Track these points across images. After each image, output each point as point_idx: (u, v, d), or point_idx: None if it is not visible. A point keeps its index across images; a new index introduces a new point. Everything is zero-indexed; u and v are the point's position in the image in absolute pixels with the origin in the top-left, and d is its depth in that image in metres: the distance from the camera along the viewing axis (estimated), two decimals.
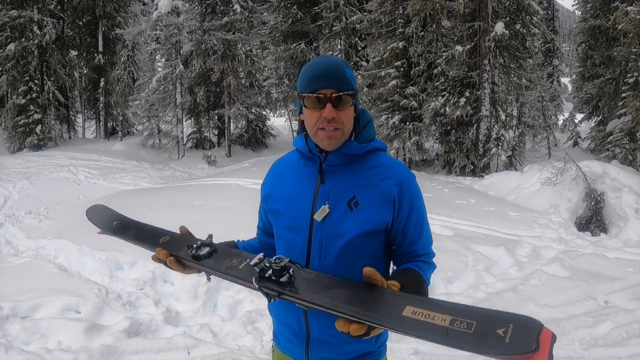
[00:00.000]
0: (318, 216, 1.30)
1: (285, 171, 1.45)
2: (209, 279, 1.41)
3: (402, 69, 12.76)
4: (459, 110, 11.30)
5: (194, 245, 1.36)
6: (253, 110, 18.15)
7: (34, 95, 17.14)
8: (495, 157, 11.47)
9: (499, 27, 11.15)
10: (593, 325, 3.74)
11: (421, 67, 12.44)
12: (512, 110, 14.26)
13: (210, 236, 1.42)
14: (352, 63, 16.19)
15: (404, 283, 1.17)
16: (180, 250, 1.40)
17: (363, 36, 15.61)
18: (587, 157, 11.57)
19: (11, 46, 16.75)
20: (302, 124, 1.38)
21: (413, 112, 12.64)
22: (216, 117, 18.40)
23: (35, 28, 17.09)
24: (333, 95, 1.24)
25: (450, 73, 11.67)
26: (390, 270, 1.44)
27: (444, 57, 11.62)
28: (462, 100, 11.39)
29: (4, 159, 12.71)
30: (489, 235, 6.21)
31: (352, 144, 1.32)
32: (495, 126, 11.64)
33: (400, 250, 1.37)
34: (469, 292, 4.46)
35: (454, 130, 11.96)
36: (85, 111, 22.94)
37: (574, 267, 5.07)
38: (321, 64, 1.28)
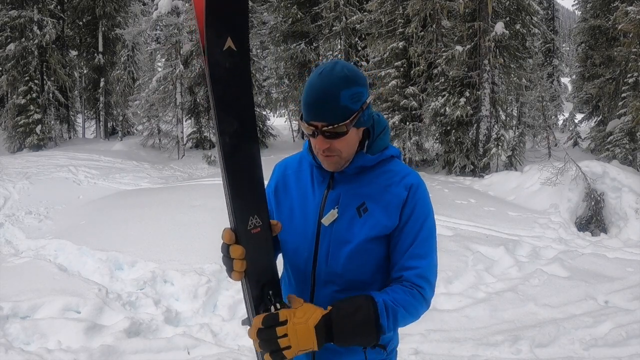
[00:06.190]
0: (326, 220, 1.27)
1: (293, 174, 1.40)
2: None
3: (402, 69, 12.76)
4: (459, 110, 11.30)
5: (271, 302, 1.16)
6: None
7: (34, 95, 17.14)
8: (495, 157, 11.46)
9: (499, 27, 11.14)
10: (593, 325, 3.74)
11: (421, 67, 12.44)
12: (512, 110, 14.25)
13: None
14: (352, 63, 16.18)
15: (337, 306, 1.15)
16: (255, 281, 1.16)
17: (363, 36, 15.60)
18: (587, 157, 11.56)
19: (11, 46, 16.75)
20: None
21: (413, 112, 12.64)
22: None
23: (35, 28, 17.09)
24: (323, 128, 1.16)
25: (450, 73, 11.66)
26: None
27: (444, 57, 11.62)
28: (462, 100, 11.39)
29: (4, 159, 12.71)
30: (489, 235, 6.21)
31: (364, 157, 1.27)
32: (495, 126, 11.63)
33: (392, 260, 1.29)
34: (469, 292, 4.46)
35: (454, 130, 11.95)
36: (85, 111, 22.95)
37: (574, 267, 5.07)
38: (315, 88, 1.16)
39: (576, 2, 21.96)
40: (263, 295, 1.16)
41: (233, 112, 1.06)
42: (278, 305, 1.15)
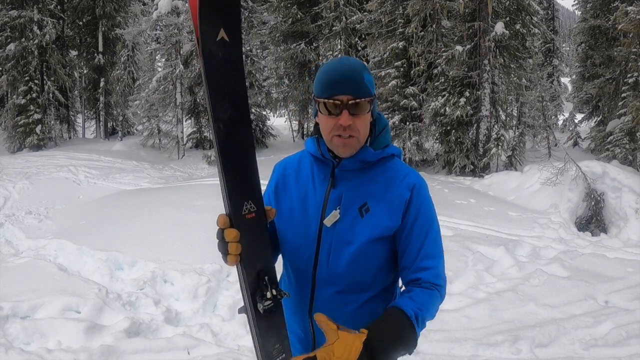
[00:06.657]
0: (328, 221, 1.26)
1: (292, 173, 1.40)
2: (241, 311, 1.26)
3: (402, 69, 12.76)
4: (459, 110, 11.30)
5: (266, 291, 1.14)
6: (253, 110, 18.13)
7: (34, 95, 17.14)
8: (495, 157, 11.46)
9: (499, 27, 11.14)
10: (593, 325, 3.74)
11: (421, 67, 12.44)
12: (512, 110, 14.25)
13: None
14: None
15: (373, 329, 1.10)
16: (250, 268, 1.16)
17: (363, 36, 15.60)
18: (587, 157, 11.55)
19: (11, 46, 16.75)
20: (316, 126, 1.33)
21: (413, 112, 12.64)
22: None
23: (35, 28, 17.08)
24: (350, 101, 1.20)
25: (450, 73, 11.66)
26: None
27: (444, 57, 11.62)
28: (462, 100, 11.38)
29: (4, 159, 12.71)
30: (489, 235, 6.21)
31: (368, 151, 1.28)
32: (495, 126, 11.63)
33: (403, 262, 1.29)
34: (469, 292, 4.46)
35: (454, 130, 11.95)
36: (85, 111, 22.95)
37: (574, 267, 5.07)
38: (338, 68, 1.23)
39: (576, 2, 21.94)
40: (259, 281, 1.15)
41: (227, 100, 1.09)
42: (274, 292, 1.14)
